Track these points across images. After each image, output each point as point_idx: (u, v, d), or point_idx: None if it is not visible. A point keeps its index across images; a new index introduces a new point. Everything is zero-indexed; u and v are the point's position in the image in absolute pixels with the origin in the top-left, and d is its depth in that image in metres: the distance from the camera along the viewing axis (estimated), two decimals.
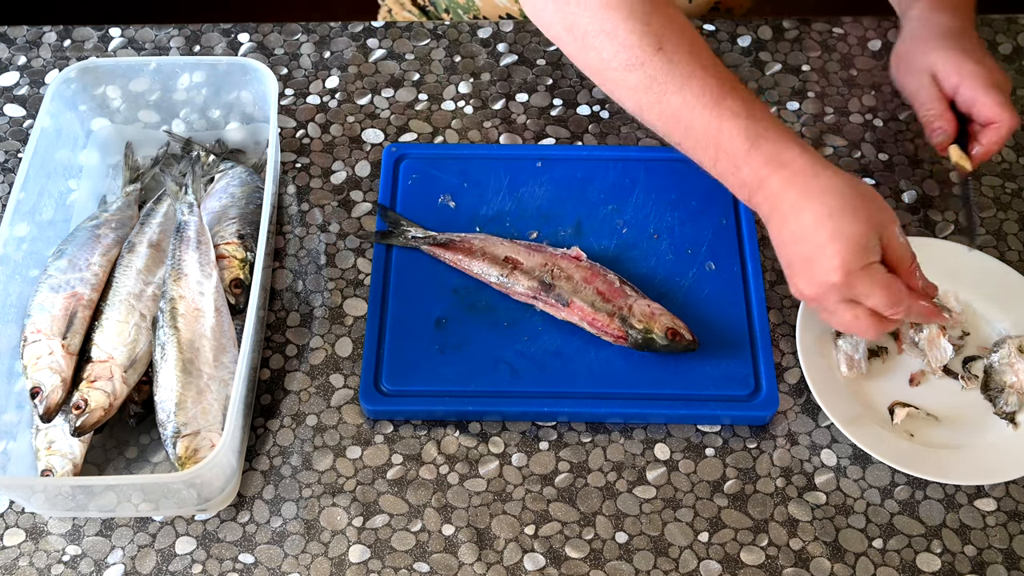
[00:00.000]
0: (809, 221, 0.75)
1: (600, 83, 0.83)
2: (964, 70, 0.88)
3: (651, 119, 0.81)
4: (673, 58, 0.78)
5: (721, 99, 0.77)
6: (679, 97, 0.78)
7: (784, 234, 0.77)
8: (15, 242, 0.84)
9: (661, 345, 0.83)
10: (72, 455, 0.78)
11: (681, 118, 0.79)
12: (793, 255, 0.77)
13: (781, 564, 0.78)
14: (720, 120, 0.77)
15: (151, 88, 0.96)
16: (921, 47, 0.91)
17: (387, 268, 0.90)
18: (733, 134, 0.77)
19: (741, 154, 0.77)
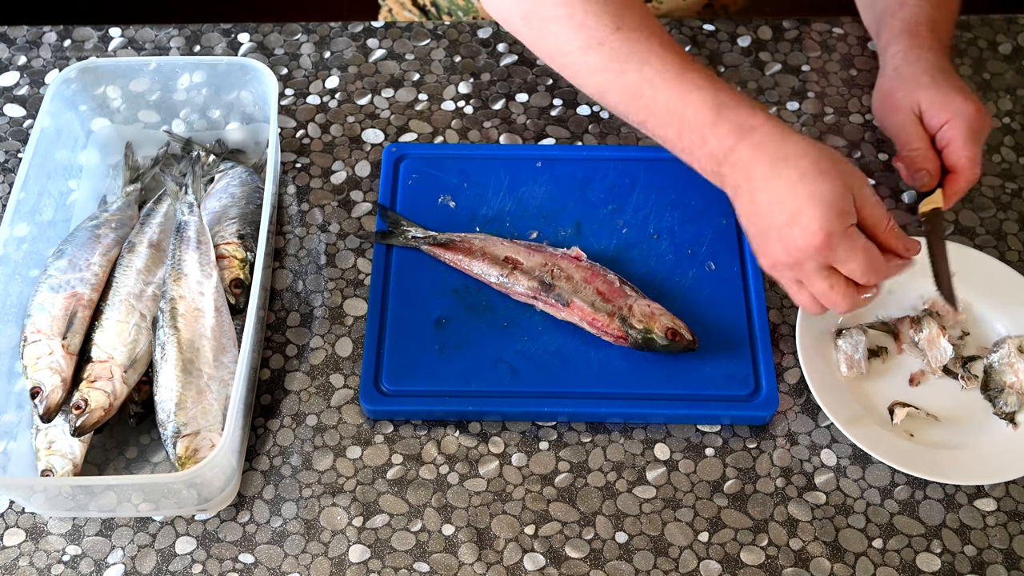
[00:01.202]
0: (783, 186, 0.74)
1: (560, 68, 0.82)
2: (952, 107, 0.87)
3: (612, 100, 0.80)
4: (631, 36, 0.77)
5: (682, 73, 0.77)
6: (639, 74, 0.77)
7: (757, 202, 0.75)
8: (15, 242, 0.84)
9: (661, 345, 0.83)
10: (72, 455, 0.78)
11: (643, 95, 0.78)
12: (768, 223, 0.75)
13: (781, 564, 0.78)
14: (683, 93, 0.76)
15: (151, 88, 0.96)
16: (906, 84, 0.89)
17: (387, 268, 0.90)
18: (697, 105, 0.76)
19: (707, 124, 0.76)
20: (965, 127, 0.86)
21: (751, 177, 0.75)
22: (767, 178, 0.75)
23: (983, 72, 1.06)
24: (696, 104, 0.76)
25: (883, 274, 0.76)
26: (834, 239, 0.73)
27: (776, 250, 0.76)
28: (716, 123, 0.76)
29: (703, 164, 0.79)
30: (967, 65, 1.07)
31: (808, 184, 0.73)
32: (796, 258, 0.75)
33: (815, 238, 0.73)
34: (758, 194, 0.75)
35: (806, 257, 0.74)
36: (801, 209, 0.73)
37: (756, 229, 0.77)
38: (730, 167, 0.76)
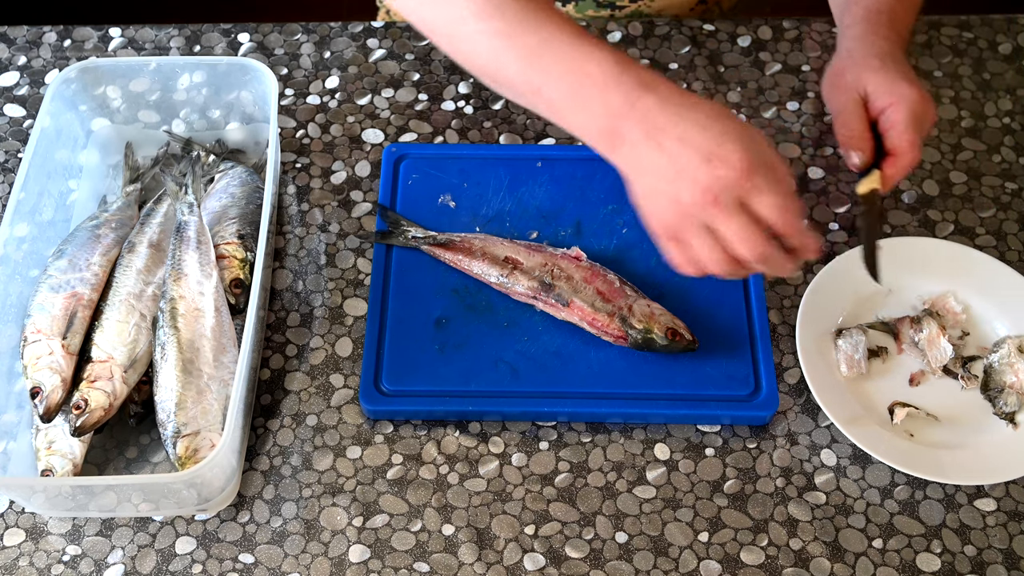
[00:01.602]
0: (695, 127, 0.72)
1: (454, 39, 0.79)
2: (897, 92, 0.86)
3: (507, 64, 0.77)
4: (527, 4, 0.76)
5: (582, 35, 0.76)
6: (537, 36, 0.76)
7: (666, 149, 0.73)
8: (15, 242, 0.84)
9: (661, 345, 0.83)
10: (72, 455, 0.78)
11: (542, 55, 0.76)
12: (677, 168, 0.73)
13: (781, 564, 0.78)
14: (585, 49, 0.75)
15: (151, 88, 0.96)
16: (856, 66, 0.89)
17: (387, 268, 0.90)
18: (601, 60, 0.74)
19: (611, 77, 0.74)
20: (907, 111, 0.85)
21: (658, 126, 0.73)
22: (677, 123, 0.73)
23: (983, 72, 1.06)
24: (599, 60, 0.75)
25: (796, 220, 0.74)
26: (756, 167, 0.72)
27: (687, 186, 0.73)
28: (621, 77, 0.74)
29: (597, 119, 0.75)
30: (967, 65, 1.07)
31: (724, 122, 0.72)
32: (713, 191, 0.72)
33: (738, 164, 0.71)
34: (667, 141, 0.73)
35: (723, 189, 0.72)
36: (719, 140, 0.72)
37: (658, 181, 0.74)
38: (633, 120, 0.74)
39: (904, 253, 0.91)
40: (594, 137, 0.76)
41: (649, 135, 0.73)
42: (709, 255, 0.74)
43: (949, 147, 1.01)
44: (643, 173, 0.75)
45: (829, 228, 0.95)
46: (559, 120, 0.78)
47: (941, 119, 1.02)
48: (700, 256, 0.74)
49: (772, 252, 0.74)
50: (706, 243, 0.74)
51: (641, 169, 0.75)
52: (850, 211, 0.96)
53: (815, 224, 0.95)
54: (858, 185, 0.87)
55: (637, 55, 1.06)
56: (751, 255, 0.73)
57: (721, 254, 0.74)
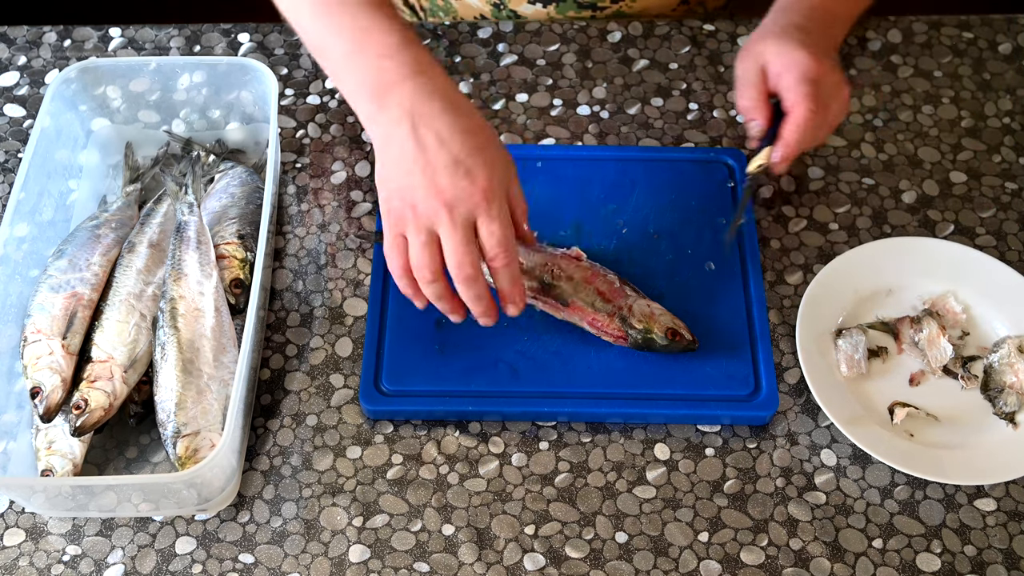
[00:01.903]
0: (460, 128, 0.73)
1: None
2: (789, 58, 0.84)
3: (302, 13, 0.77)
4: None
5: (381, 5, 0.76)
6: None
7: (422, 136, 0.72)
8: (15, 242, 0.84)
9: (661, 345, 0.83)
10: (72, 455, 0.78)
11: (332, 13, 0.76)
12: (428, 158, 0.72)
13: (781, 564, 0.78)
14: (376, 17, 0.75)
15: (151, 88, 0.96)
16: (760, 36, 0.88)
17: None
18: (387, 30, 0.75)
19: (391, 47, 0.74)
20: (798, 71, 0.84)
21: (420, 112, 0.73)
22: (439, 116, 0.73)
23: (983, 72, 1.06)
24: (384, 29, 0.75)
25: (513, 260, 0.75)
26: (497, 192, 0.73)
27: (417, 191, 0.73)
28: (401, 49, 0.74)
29: (367, 84, 0.75)
30: (967, 65, 1.07)
31: (484, 137, 0.74)
32: (442, 200, 0.72)
33: (482, 182, 0.72)
34: (424, 130, 0.73)
35: (459, 199, 0.72)
36: (475, 153, 0.72)
37: (402, 164, 0.74)
38: (400, 95, 0.73)
39: (904, 253, 0.91)
40: (362, 101, 0.76)
41: (409, 115, 0.73)
42: (420, 256, 0.74)
43: (949, 147, 1.01)
44: (391, 151, 0.74)
45: (829, 228, 0.95)
46: (335, 80, 0.78)
47: (941, 119, 1.02)
48: (412, 254, 0.74)
49: (480, 279, 0.75)
50: (421, 244, 0.74)
51: (390, 146, 0.74)
52: (847, 209, 0.96)
53: (814, 224, 0.95)
54: (749, 164, 0.87)
55: (637, 55, 1.06)
56: (460, 272, 0.74)
57: (431, 260, 0.74)
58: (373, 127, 0.75)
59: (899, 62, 1.07)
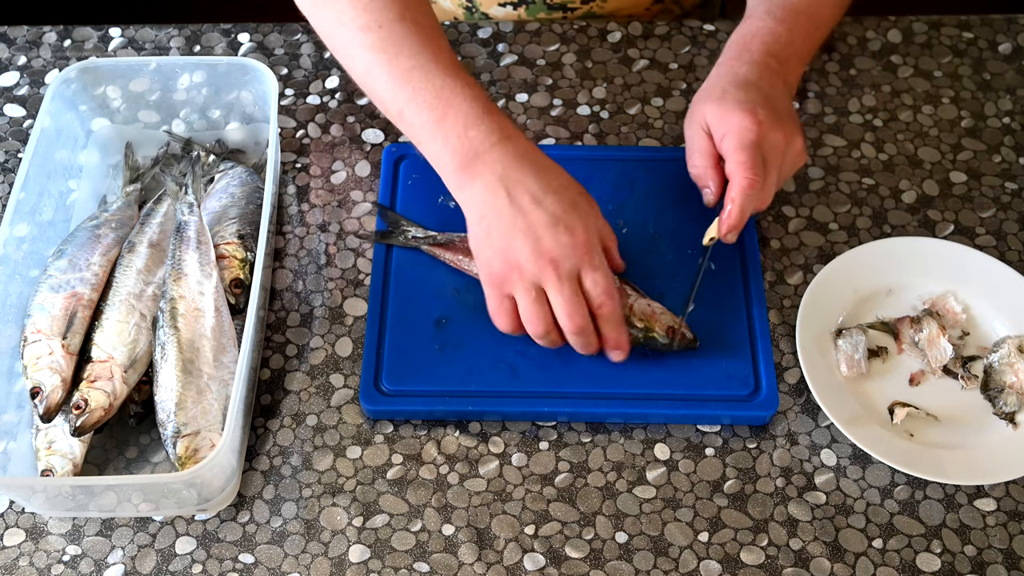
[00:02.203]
0: (551, 184, 0.76)
1: (335, 44, 0.84)
2: (728, 122, 0.81)
3: (379, 79, 0.80)
4: (411, 28, 0.79)
5: (455, 68, 0.79)
6: (413, 60, 0.79)
7: (517, 198, 0.76)
8: (15, 242, 0.84)
9: (662, 344, 0.83)
10: (72, 455, 0.78)
11: (413, 79, 0.79)
12: (532, 216, 0.76)
13: (781, 564, 0.78)
14: (456, 83, 0.78)
15: (151, 88, 0.96)
16: (701, 98, 0.85)
17: (387, 268, 0.90)
18: (468, 97, 0.78)
19: (474, 116, 0.77)
20: (737, 138, 0.80)
21: (512, 176, 0.77)
22: (532, 178, 0.77)
23: (983, 72, 1.06)
24: (465, 97, 0.78)
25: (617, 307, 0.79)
26: (595, 244, 0.76)
27: (520, 252, 0.76)
28: (483, 118, 0.78)
29: (453, 153, 0.78)
30: (967, 65, 1.07)
31: (574, 192, 0.78)
32: (548, 259, 0.76)
33: (582, 236, 0.76)
34: (518, 193, 0.76)
35: (564, 256, 0.75)
36: (570, 209, 0.76)
37: (501, 228, 0.76)
38: (489, 162, 0.77)
39: (904, 253, 0.91)
40: (447, 170, 0.79)
41: (502, 180, 0.76)
42: (532, 313, 0.77)
43: (949, 147, 1.01)
44: (487, 216, 0.77)
45: (829, 228, 0.95)
46: (418, 146, 0.81)
47: (941, 119, 1.02)
48: (523, 312, 0.78)
49: (590, 328, 0.78)
50: (531, 301, 0.77)
51: (486, 212, 0.77)
52: (847, 209, 0.96)
53: (814, 224, 0.95)
54: (705, 236, 0.86)
55: (637, 55, 1.06)
56: (571, 324, 0.77)
57: (544, 316, 0.77)
58: (462, 194, 0.79)
59: (899, 62, 1.07)
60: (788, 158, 0.83)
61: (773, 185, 0.83)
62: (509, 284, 0.78)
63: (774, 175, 0.82)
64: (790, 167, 0.85)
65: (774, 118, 0.81)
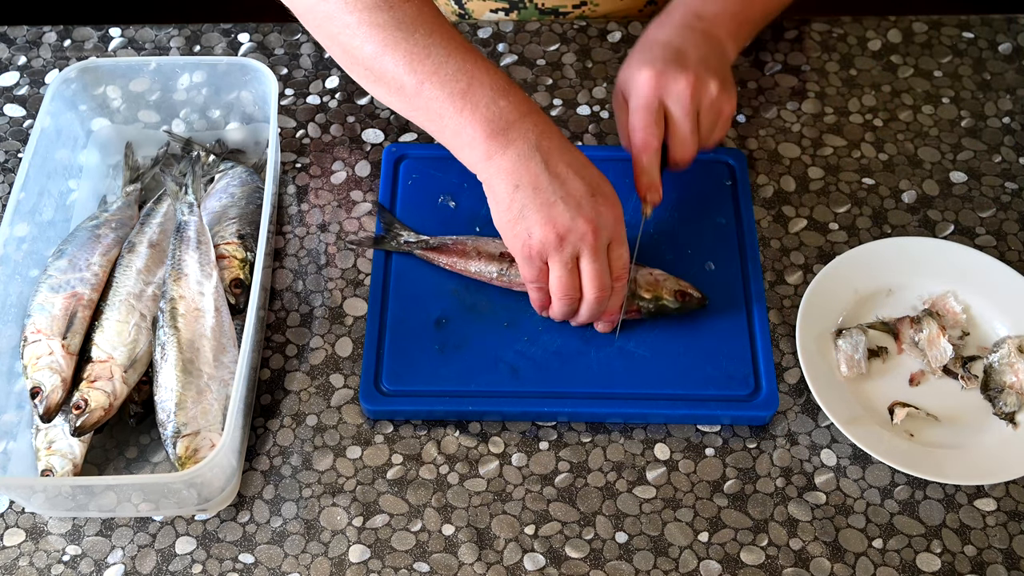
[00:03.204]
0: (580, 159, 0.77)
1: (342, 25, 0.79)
2: (631, 83, 0.83)
3: (393, 57, 0.77)
4: (422, 8, 0.78)
5: (471, 46, 0.78)
6: (429, 38, 0.77)
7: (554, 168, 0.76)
8: (15, 242, 0.84)
9: (673, 309, 0.84)
10: (72, 455, 0.78)
11: (431, 55, 0.77)
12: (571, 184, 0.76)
13: (781, 564, 0.78)
14: (476, 59, 0.77)
15: (151, 88, 0.96)
16: (624, 64, 0.86)
17: (387, 268, 0.90)
18: (491, 70, 0.77)
19: (502, 88, 0.76)
20: (633, 99, 0.83)
21: (545, 145, 0.76)
22: (564, 149, 0.77)
23: (983, 72, 1.06)
24: (490, 70, 0.77)
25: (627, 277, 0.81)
26: (622, 220, 0.77)
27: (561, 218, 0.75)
28: (510, 89, 0.77)
29: (489, 120, 0.76)
30: (967, 65, 1.07)
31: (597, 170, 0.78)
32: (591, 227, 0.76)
33: (616, 208, 0.77)
34: (554, 161, 0.76)
35: (603, 225, 0.76)
36: (601, 183, 0.77)
37: (541, 195, 0.76)
38: (523, 129, 0.76)
39: (904, 253, 0.91)
40: (476, 139, 0.77)
41: (538, 148, 0.76)
42: (564, 283, 0.78)
43: (949, 147, 1.01)
44: (524, 185, 0.76)
45: (829, 228, 0.95)
46: (437, 122, 0.78)
47: (941, 119, 1.02)
48: (556, 280, 0.78)
49: (607, 297, 0.79)
50: (568, 270, 0.77)
51: (522, 180, 0.76)
52: (847, 209, 0.96)
53: (814, 224, 0.95)
54: None
55: None
56: (598, 293, 0.78)
57: (575, 285, 0.78)
58: (491, 164, 0.77)
59: (899, 62, 1.07)
60: (705, 103, 0.83)
61: (689, 134, 0.83)
62: (547, 250, 0.77)
63: (687, 123, 0.83)
64: (711, 113, 0.84)
65: (676, 68, 0.82)
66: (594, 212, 0.76)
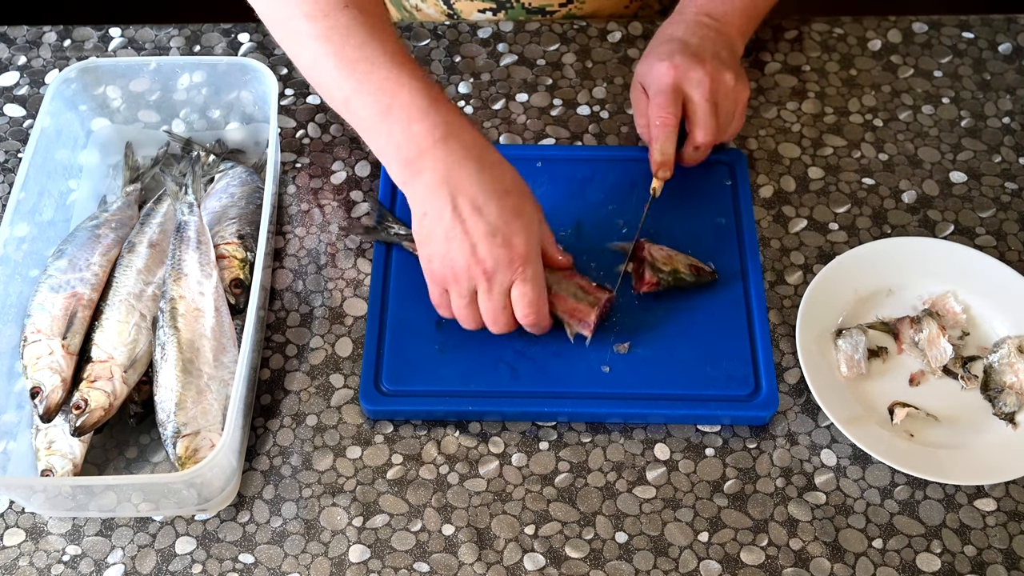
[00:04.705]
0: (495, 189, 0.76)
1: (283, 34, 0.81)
2: (651, 75, 0.89)
3: (326, 68, 0.78)
4: (358, 17, 0.77)
5: (402, 58, 0.78)
6: (360, 51, 0.77)
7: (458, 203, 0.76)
8: (15, 242, 0.84)
9: (689, 282, 0.86)
10: (72, 455, 0.78)
11: (357, 69, 0.77)
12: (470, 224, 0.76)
13: (781, 564, 0.78)
14: (401, 74, 0.76)
15: (151, 88, 0.96)
16: (642, 60, 0.93)
17: (387, 268, 0.90)
18: (414, 89, 0.76)
19: (419, 109, 0.76)
20: (654, 85, 0.89)
21: (454, 178, 0.76)
22: (474, 183, 0.76)
23: (983, 72, 1.06)
24: (412, 89, 0.76)
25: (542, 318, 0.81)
26: (531, 256, 0.77)
27: (457, 258, 0.77)
28: (428, 111, 0.76)
29: (398, 147, 0.77)
30: (967, 65, 1.07)
31: (517, 197, 0.77)
32: (482, 269, 0.77)
33: (519, 249, 0.76)
34: (460, 199, 0.76)
35: (497, 268, 0.76)
36: (510, 219, 0.76)
37: (441, 231, 0.77)
38: (432, 159, 0.76)
39: (904, 253, 0.91)
40: (392, 162, 0.78)
41: (446, 182, 0.76)
42: (464, 313, 0.81)
43: (949, 147, 1.01)
44: (430, 216, 0.77)
45: (829, 228, 0.95)
46: (364, 136, 0.80)
47: (941, 119, 1.02)
48: (456, 309, 0.81)
49: (511, 328, 0.81)
50: (464, 304, 0.80)
51: (429, 211, 0.77)
52: (847, 209, 0.96)
53: (814, 224, 0.95)
54: None
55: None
56: (495, 328, 0.81)
57: (474, 316, 0.81)
58: (407, 189, 0.79)
59: (899, 62, 1.07)
60: (723, 91, 0.88)
61: (709, 116, 0.88)
62: (445, 282, 0.80)
63: (705, 106, 0.88)
64: (729, 101, 0.89)
65: (693, 60, 0.88)
66: (489, 255, 0.76)
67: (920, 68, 1.06)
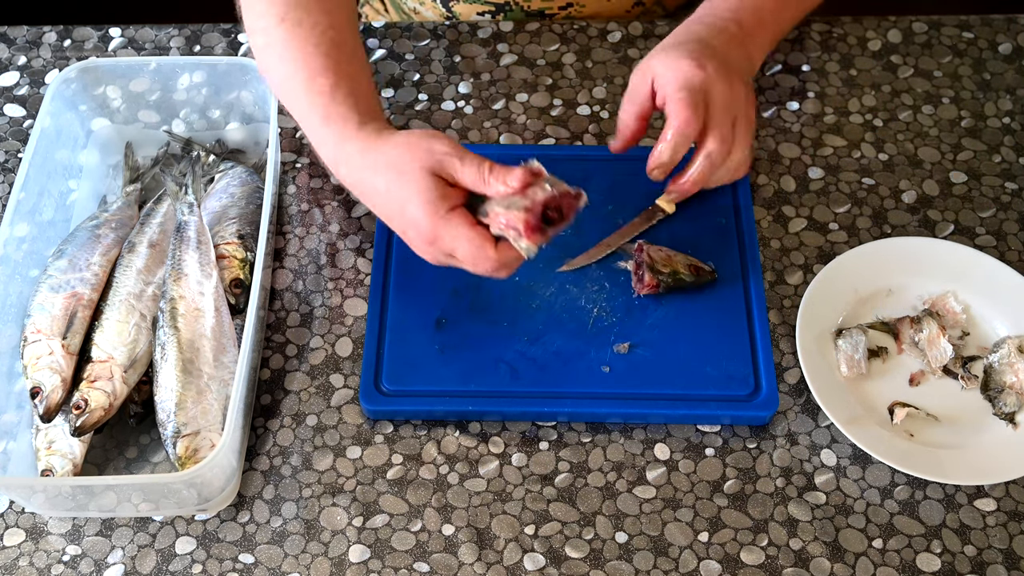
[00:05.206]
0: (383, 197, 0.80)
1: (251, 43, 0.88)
2: (672, 65, 0.81)
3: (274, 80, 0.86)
4: (291, 31, 0.83)
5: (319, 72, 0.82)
6: (284, 67, 0.84)
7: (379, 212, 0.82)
8: (15, 242, 0.84)
9: (689, 282, 0.86)
10: (72, 455, 0.78)
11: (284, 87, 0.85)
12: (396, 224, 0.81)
13: (781, 564, 0.78)
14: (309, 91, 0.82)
15: (151, 88, 0.96)
16: (656, 51, 0.85)
17: (387, 268, 0.90)
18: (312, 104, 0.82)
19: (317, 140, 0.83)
20: (681, 79, 0.80)
21: (366, 189, 0.81)
22: (371, 198, 0.81)
23: (983, 72, 1.06)
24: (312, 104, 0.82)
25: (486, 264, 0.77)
26: (436, 230, 0.76)
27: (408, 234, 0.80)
28: (320, 129, 0.82)
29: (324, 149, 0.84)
30: (967, 65, 1.07)
31: (395, 190, 0.77)
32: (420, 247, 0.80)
33: (423, 232, 0.77)
34: (377, 201, 0.81)
35: (426, 253, 0.79)
36: (400, 215, 0.78)
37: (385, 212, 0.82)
38: (341, 177, 0.84)
39: (904, 253, 0.91)
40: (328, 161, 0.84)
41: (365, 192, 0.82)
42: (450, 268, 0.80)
43: (949, 147, 1.01)
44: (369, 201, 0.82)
45: (829, 228, 0.95)
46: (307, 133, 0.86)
47: (941, 119, 1.02)
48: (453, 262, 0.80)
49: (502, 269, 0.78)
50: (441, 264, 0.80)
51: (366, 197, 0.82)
52: (847, 209, 0.96)
53: (814, 224, 0.95)
54: None
55: (638, 55, 1.06)
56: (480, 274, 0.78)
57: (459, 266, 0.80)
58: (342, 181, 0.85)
59: (899, 62, 1.07)
60: (741, 113, 0.82)
61: (725, 137, 0.81)
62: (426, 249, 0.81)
63: (725, 119, 0.81)
64: (743, 132, 0.83)
65: (724, 71, 0.81)
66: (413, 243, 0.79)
67: (920, 68, 1.06)
